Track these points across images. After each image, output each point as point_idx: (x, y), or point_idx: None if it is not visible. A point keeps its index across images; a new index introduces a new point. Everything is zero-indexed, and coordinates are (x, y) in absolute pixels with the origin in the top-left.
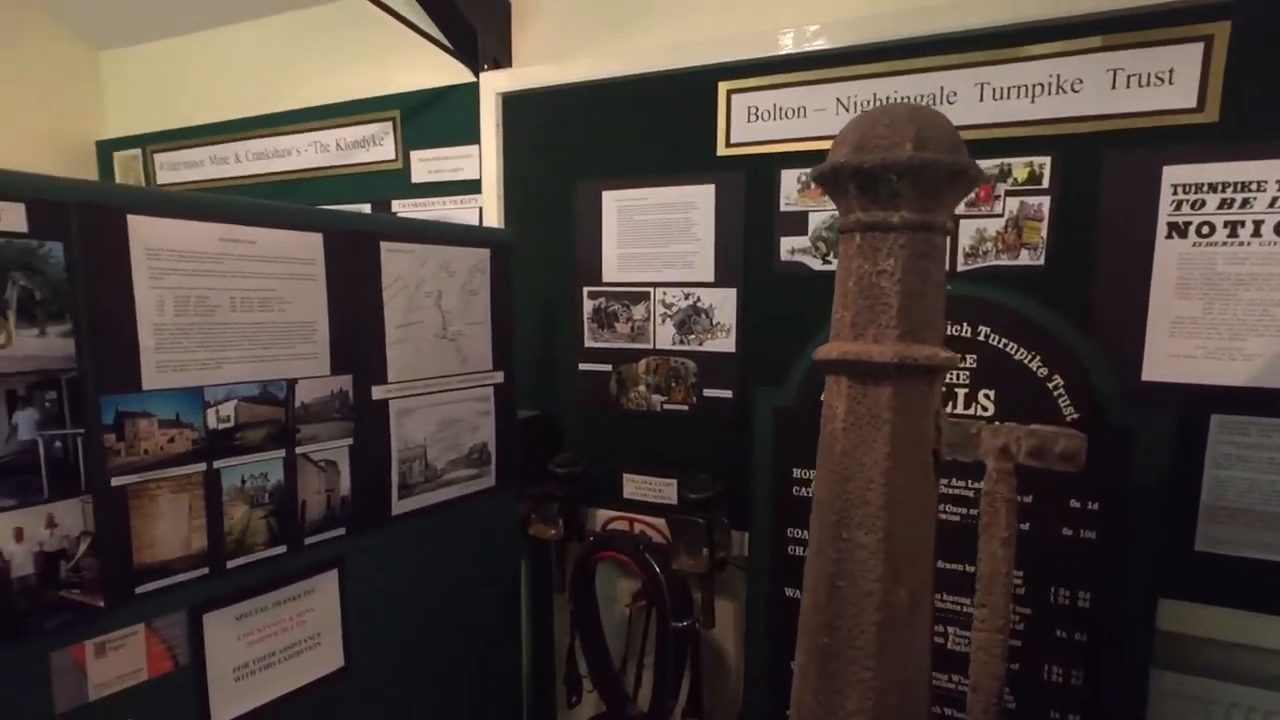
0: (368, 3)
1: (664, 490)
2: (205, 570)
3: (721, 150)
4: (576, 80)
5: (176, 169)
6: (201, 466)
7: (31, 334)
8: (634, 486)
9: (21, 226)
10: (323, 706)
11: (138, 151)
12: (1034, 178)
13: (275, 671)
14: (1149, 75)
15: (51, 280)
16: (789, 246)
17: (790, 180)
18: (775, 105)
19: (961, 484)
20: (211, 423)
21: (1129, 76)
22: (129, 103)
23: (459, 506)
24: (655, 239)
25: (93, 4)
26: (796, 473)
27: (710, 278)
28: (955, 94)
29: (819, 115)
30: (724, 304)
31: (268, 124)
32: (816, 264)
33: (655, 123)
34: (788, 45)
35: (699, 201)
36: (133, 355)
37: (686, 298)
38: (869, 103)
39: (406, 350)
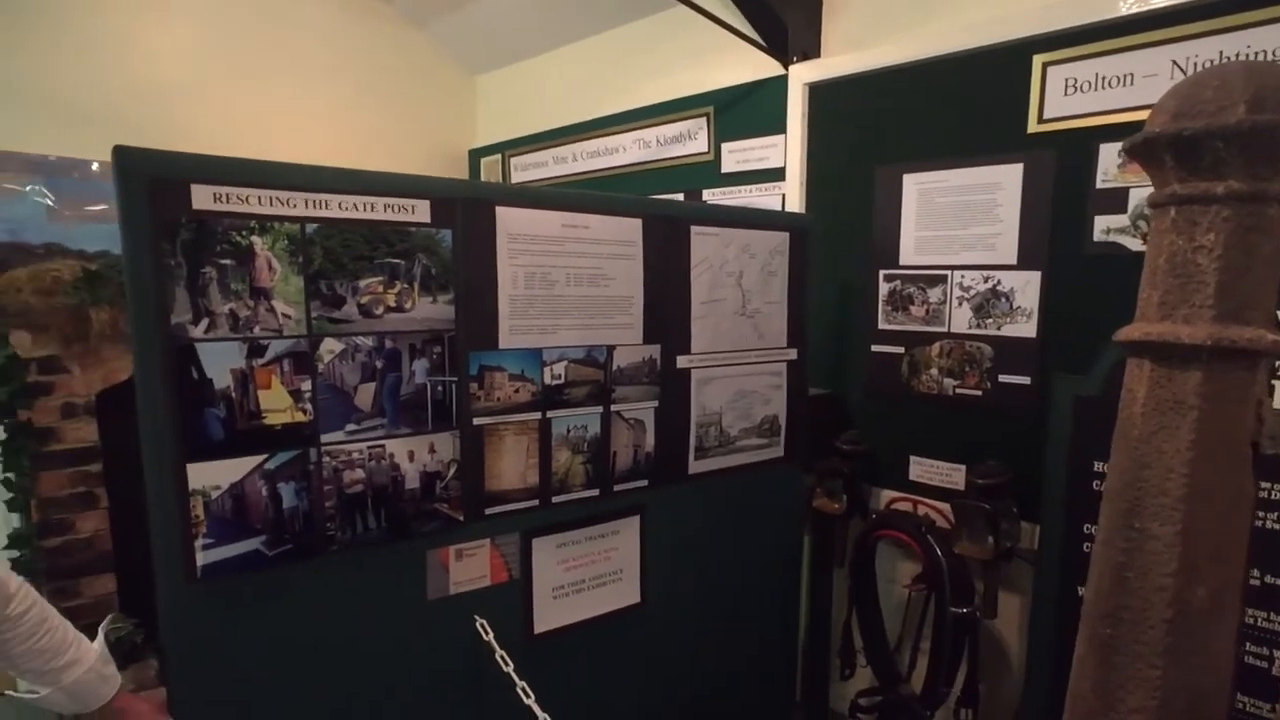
0: (687, 10)
1: (951, 475)
2: (536, 502)
3: (1032, 127)
4: (881, 66)
5: (527, 170)
6: (537, 415)
7: (427, 301)
8: (920, 469)
9: (426, 218)
10: (621, 634)
11: (499, 156)
12: None
13: (584, 597)
14: None
15: (443, 259)
16: (1103, 226)
17: (1109, 155)
18: (1097, 75)
19: None
20: (547, 379)
21: None
22: (494, 116)
23: (748, 473)
24: (955, 221)
25: (471, 36)
26: (1098, 466)
27: (1012, 260)
28: None
29: (1149, 82)
30: (1026, 287)
31: (599, 126)
32: (1135, 244)
33: (960, 104)
34: (1126, 4)
35: (1004, 182)
36: (493, 320)
37: (986, 281)
38: (1211, 63)
39: (708, 325)
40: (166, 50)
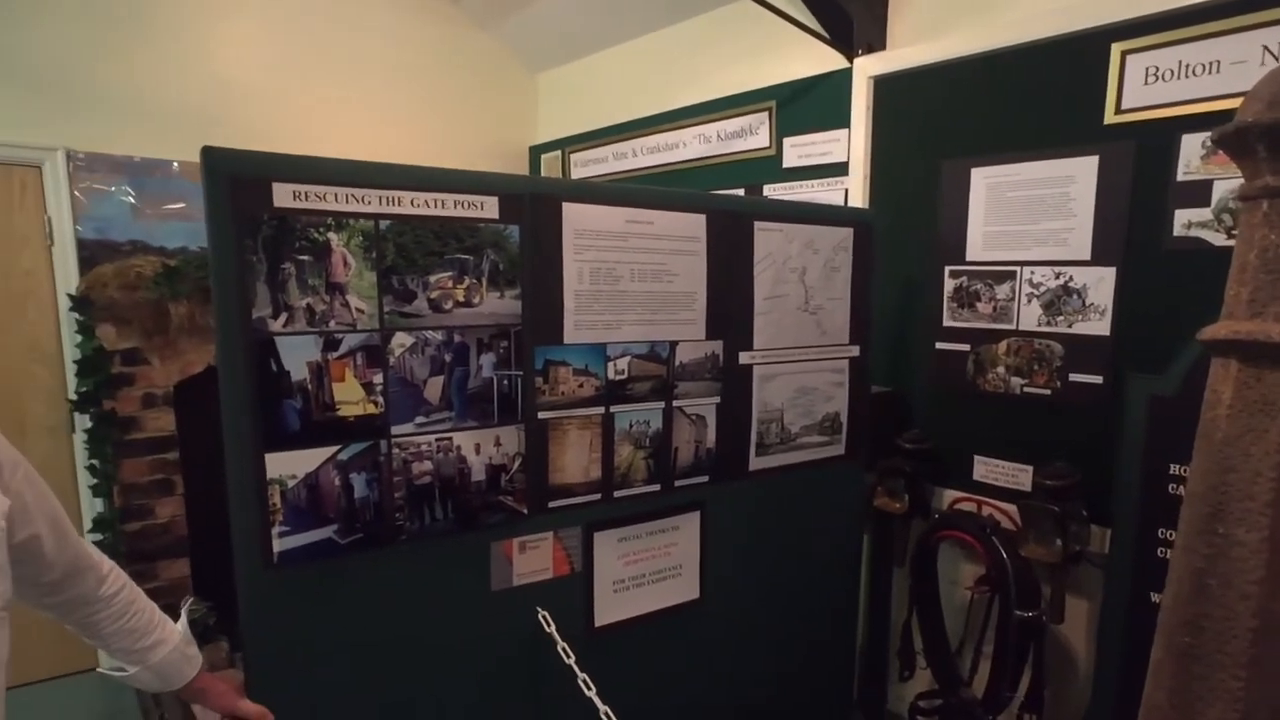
0: (749, 4)
1: (1017, 475)
2: (598, 496)
3: (1109, 118)
4: (949, 58)
5: (587, 165)
6: (601, 410)
7: (495, 296)
8: (985, 469)
9: (494, 214)
10: (679, 629)
11: (559, 153)
12: None
13: (644, 591)
14: None
15: (510, 255)
16: (1184, 220)
17: (1192, 146)
18: (1180, 63)
19: None
20: (610, 374)
21: None
22: (554, 113)
23: (809, 470)
24: (1025, 216)
25: (533, 34)
26: (1174, 469)
27: (1085, 256)
28: None
29: (1237, 69)
30: (1099, 284)
31: (659, 122)
32: (1219, 239)
33: (1032, 95)
34: None
35: (1078, 175)
36: (558, 315)
37: (1057, 277)
38: None
39: (771, 321)
40: (241, 54)
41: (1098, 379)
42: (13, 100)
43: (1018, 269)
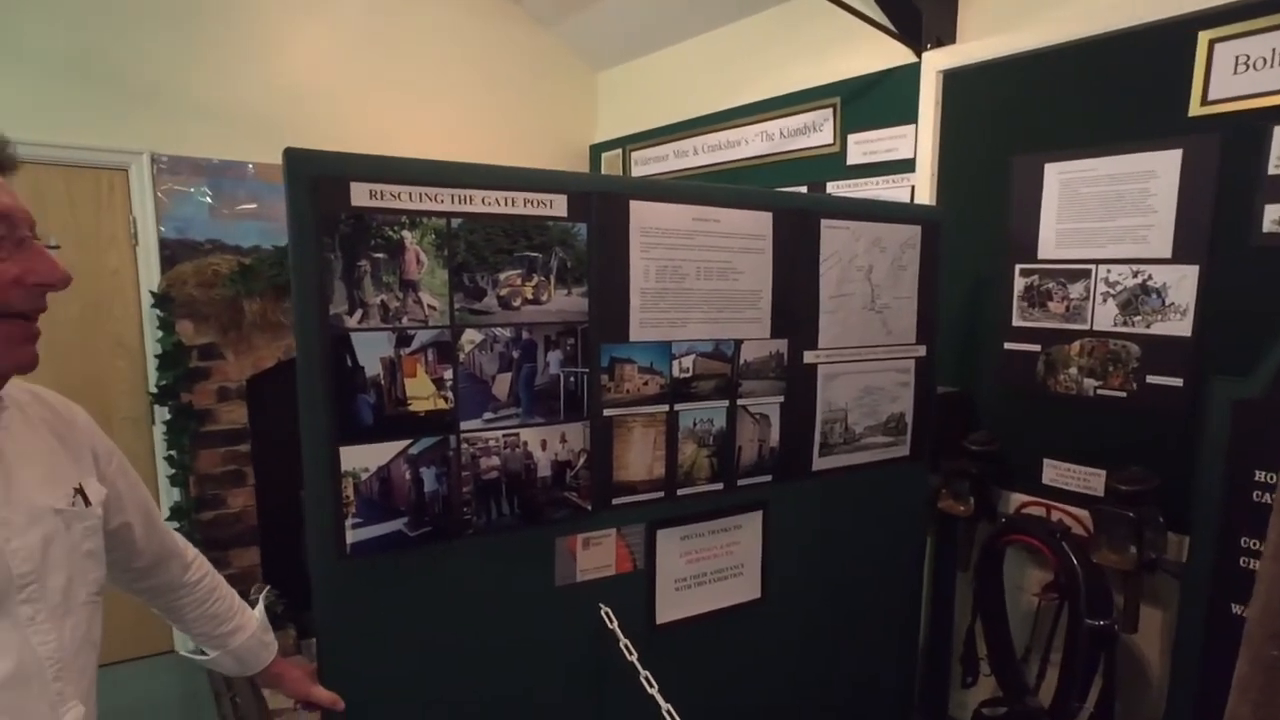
0: (814, 0)
1: (1089, 480)
2: (661, 494)
3: (1194, 110)
4: (1022, 50)
5: (647, 164)
6: (665, 408)
7: (562, 294)
8: (1054, 473)
9: (563, 212)
10: (740, 629)
11: (619, 151)
12: None
13: (706, 590)
14: None
15: (578, 252)
16: (1275, 215)
17: None
18: (1274, 50)
19: None
20: (675, 372)
21: None
22: (615, 111)
23: (872, 471)
24: (1102, 212)
25: (595, 33)
26: (1259, 475)
27: (1166, 253)
28: None
29: None
30: (1180, 282)
31: (721, 119)
32: None
33: (1110, 88)
34: None
35: (1159, 169)
36: (624, 313)
37: (1134, 275)
38: None
39: (836, 320)
40: (310, 58)
41: (1177, 381)
42: (103, 106)
43: (1092, 267)
